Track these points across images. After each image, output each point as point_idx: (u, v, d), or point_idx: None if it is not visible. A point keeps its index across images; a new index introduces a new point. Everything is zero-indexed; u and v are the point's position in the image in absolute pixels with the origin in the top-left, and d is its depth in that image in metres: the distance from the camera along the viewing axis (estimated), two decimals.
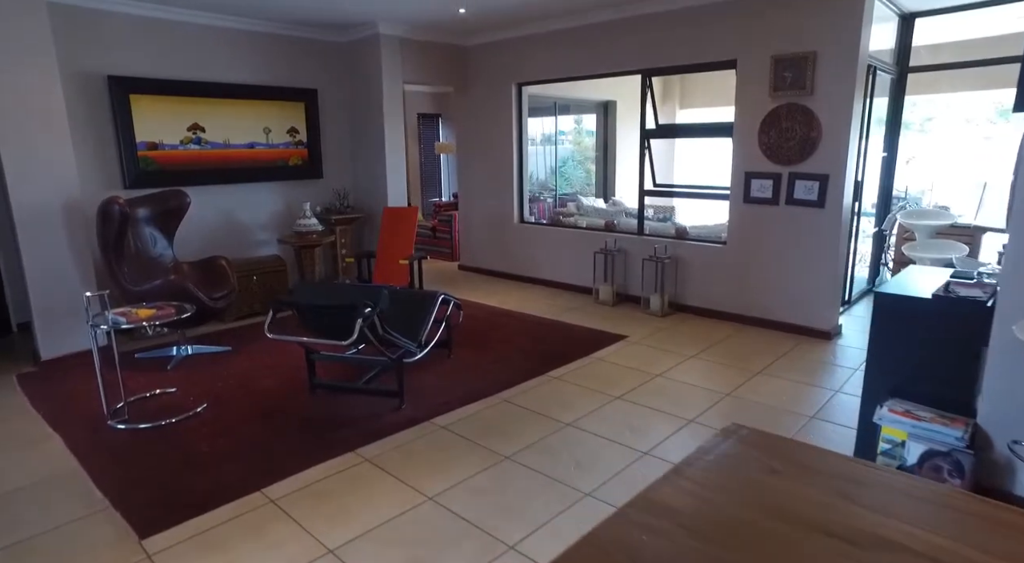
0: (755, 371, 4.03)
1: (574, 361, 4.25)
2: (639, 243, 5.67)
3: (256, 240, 5.87)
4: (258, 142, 5.70)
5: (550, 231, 6.46)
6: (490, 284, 6.69)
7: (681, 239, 5.46)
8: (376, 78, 5.96)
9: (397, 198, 6.25)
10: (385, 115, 6.01)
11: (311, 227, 5.71)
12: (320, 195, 6.27)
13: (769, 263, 4.85)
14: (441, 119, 11.83)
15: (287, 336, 3.37)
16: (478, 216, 7.11)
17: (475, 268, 7.27)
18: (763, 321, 4.94)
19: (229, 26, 5.37)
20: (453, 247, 8.00)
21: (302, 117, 5.99)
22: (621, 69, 5.56)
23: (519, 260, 6.74)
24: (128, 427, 3.24)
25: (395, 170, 6.20)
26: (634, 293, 5.72)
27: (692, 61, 5.06)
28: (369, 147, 6.27)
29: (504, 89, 6.47)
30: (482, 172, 6.93)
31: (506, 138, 6.58)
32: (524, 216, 6.76)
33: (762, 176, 4.76)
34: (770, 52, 4.55)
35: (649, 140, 5.57)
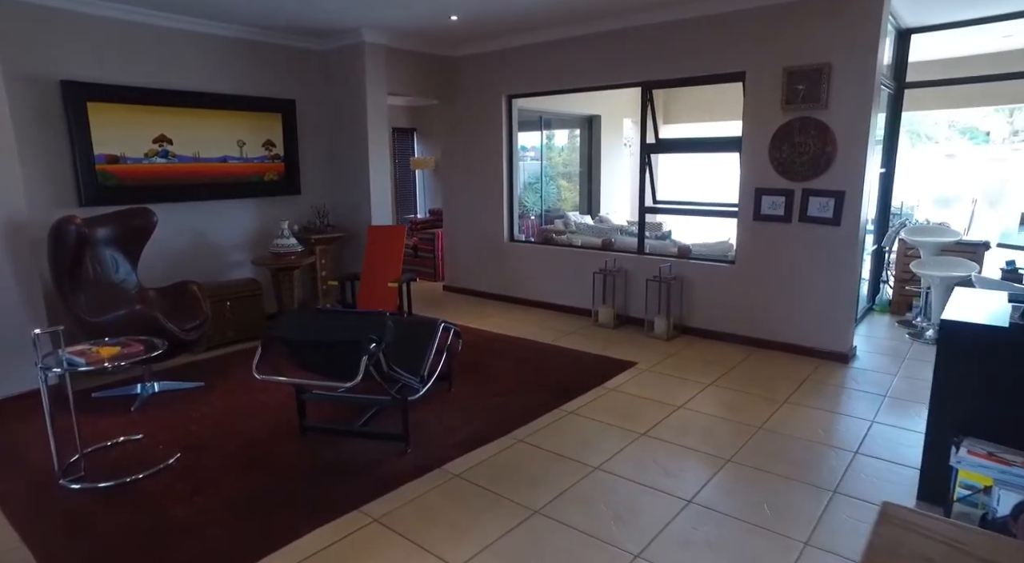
0: (780, 400, 3.77)
1: (586, 392, 3.93)
2: (640, 262, 5.41)
3: (229, 262, 5.40)
4: (231, 156, 5.26)
5: (543, 250, 6.16)
6: (479, 306, 6.33)
7: (684, 258, 5.22)
8: (359, 88, 5.60)
9: (382, 216, 5.87)
10: (369, 127, 5.64)
11: (289, 247, 5.27)
12: (298, 213, 5.84)
13: (782, 283, 4.64)
14: (416, 133, 11.49)
15: (279, 377, 2.94)
16: (464, 234, 6.76)
17: (461, 289, 6.91)
18: (775, 344, 4.71)
19: (200, 30, 4.94)
20: (437, 267, 7.63)
21: (279, 129, 5.57)
22: (620, 81, 5.34)
23: (510, 281, 6.41)
24: (85, 487, 2.76)
25: (380, 186, 5.82)
26: (635, 315, 5.45)
27: (697, 73, 4.86)
28: (351, 161, 5.88)
29: (493, 102, 6.18)
30: (469, 188, 6.60)
31: (495, 153, 6.27)
32: (514, 234, 6.44)
33: (774, 192, 4.56)
34: (782, 64, 4.37)
35: (650, 155, 5.34)
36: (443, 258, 7.30)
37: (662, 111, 9.50)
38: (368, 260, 5.38)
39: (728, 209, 5.05)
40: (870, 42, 4.03)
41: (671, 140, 5.75)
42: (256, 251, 5.50)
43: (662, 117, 9.57)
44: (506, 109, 6.17)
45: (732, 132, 4.84)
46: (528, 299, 6.25)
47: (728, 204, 5.12)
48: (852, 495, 2.69)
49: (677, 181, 8.77)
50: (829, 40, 4.17)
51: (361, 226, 5.81)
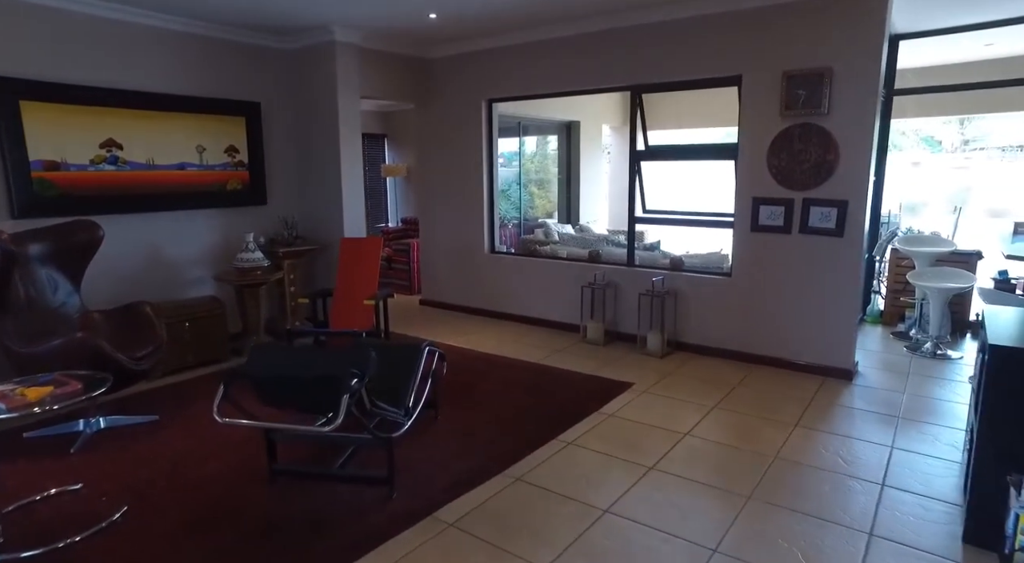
0: (790, 423, 3.54)
1: (583, 419, 3.63)
2: (630, 275, 5.15)
3: (188, 279, 4.95)
4: (190, 163, 4.82)
5: (526, 262, 5.85)
6: (459, 322, 5.99)
7: (677, 271, 4.98)
8: (330, 90, 5.22)
9: (355, 227, 5.49)
10: (341, 132, 5.26)
11: (255, 262, 4.86)
12: (264, 224, 5.42)
13: (781, 297, 4.43)
14: (387, 140, 11.10)
15: (244, 420, 2.55)
16: (442, 245, 6.42)
17: (439, 303, 6.56)
18: (775, 360, 4.49)
19: (155, 24, 4.51)
20: (412, 279, 7.26)
21: (242, 134, 5.15)
22: (608, 85, 5.09)
23: (491, 294, 6.08)
24: (5, 559, 2.33)
25: (353, 195, 5.45)
26: (627, 331, 5.18)
27: (690, 77, 4.63)
28: (322, 169, 5.49)
29: (472, 106, 5.87)
30: (446, 197, 6.27)
31: (474, 159, 5.96)
32: (495, 245, 6.13)
33: (772, 202, 4.35)
34: (781, 68, 4.17)
35: (640, 163, 5.09)
36: (419, 270, 6.93)
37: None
38: (341, 275, 5.00)
39: (722, 219, 4.83)
40: (873, 46, 3.86)
41: (662, 147, 5.52)
42: (218, 266, 5.06)
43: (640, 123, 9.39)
44: (486, 114, 5.87)
45: (717, 139, 4.64)
46: (512, 314, 5.94)
47: (722, 214, 4.91)
48: (891, 538, 2.45)
49: (662, 190, 8.60)
50: (831, 44, 3.99)
51: (333, 238, 5.42)
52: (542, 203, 10.12)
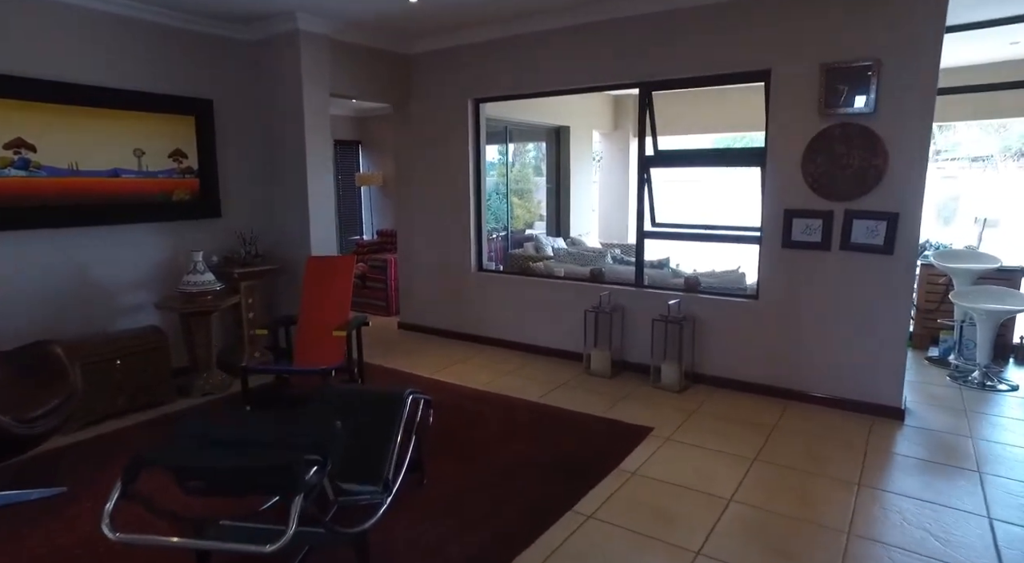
0: (851, 481, 2.93)
1: (601, 480, 2.97)
2: (639, 298, 4.54)
3: (124, 306, 4.19)
4: (125, 169, 4.09)
5: (519, 282, 5.20)
6: (444, 349, 5.31)
7: (693, 292, 4.38)
8: (294, 87, 4.54)
9: (324, 243, 4.79)
10: (307, 135, 4.58)
11: (204, 285, 4.13)
12: (218, 240, 4.69)
13: (818, 323, 3.85)
14: (362, 146, 10.42)
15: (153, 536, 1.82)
16: (423, 262, 5.74)
17: (420, 327, 5.86)
18: (811, 397, 3.91)
19: (82, 3, 3.79)
20: (390, 300, 6.56)
21: (191, 136, 4.43)
22: (613, 81, 4.49)
23: (479, 318, 5.42)
24: None
25: (321, 206, 4.75)
26: (637, 360, 4.56)
27: (708, 71, 4.06)
28: (286, 177, 4.79)
29: (457, 106, 5.23)
30: (427, 208, 5.60)
31: (459, 167, 5.31)
32: (483, 263, 5.47)
33: (808, 214, 3.78)
34: (819, 59, 3.61)
35: (649, 170, 4.50)
36: (397, 290, 6.24)
37: (634, 123, 8.79)
38: (307, 300, 4.29)
39: (746, 234, 4.26)
40: (931, 34, 3.31)
41: (675, 152, 4.93)
42: (162, 290, 4.32)
43: (632, 130, 8.87)
44: (472, 115, 5.23)
45: (719, 146, 4.05)
46: (503, 340, 5.28)
47: (744, 228, 4.33)
48: None
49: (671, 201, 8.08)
50: (880, 32, 3.44)
51: (299, 256, 4.71)
52: (522, 213, 9.55)
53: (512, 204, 8.47)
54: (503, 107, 6.42)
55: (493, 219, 8.27)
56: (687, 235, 4.50)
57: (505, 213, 7.82)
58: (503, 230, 7.86)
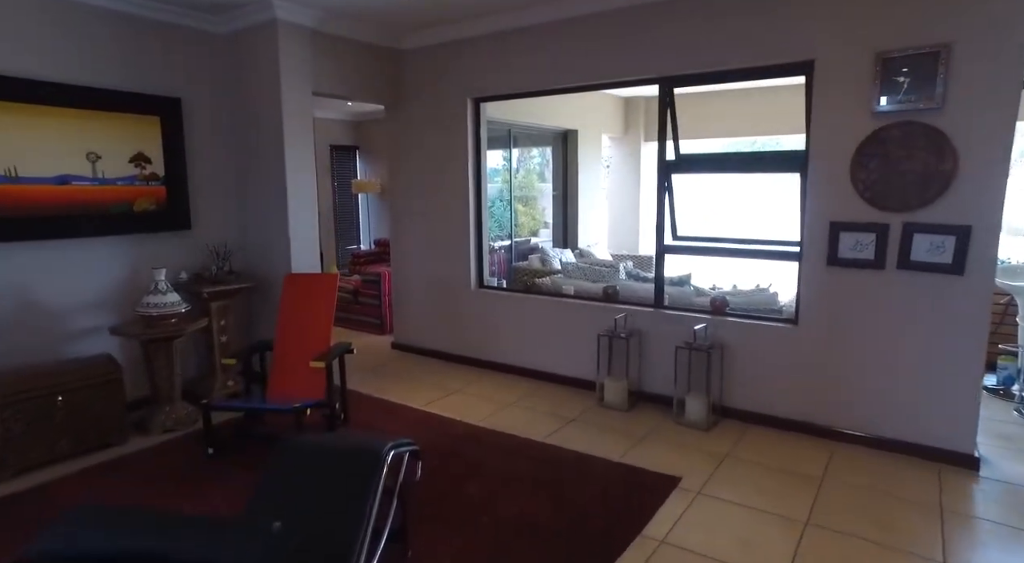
0: (934, 560, 2.39)
1: (622, 554, 2.45)
2: (659, 320, 4.02)
3: (73, 332, 3.70)
4: (76, 175, 3.61)
5: (524, 301, 4.69)
6: (441, 374, 4.79)
7: (720, 315, 3.86)
8: (272, 84, 4.06)
9: (306, 258, 4.29)
10: (287, 137, 4.09)
11: (167, 307, 3.63)
12: (188, 255, 4.20)
13: (869, 352, 3.32)
14: (359, 152, 9.96)
15: None
16: (418, 277, 5.24)
17: (415, 348, 5.35)
18: (864, 438, 3.37)
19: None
20: (384, 316, 6.05)
21: (156, 138, 3.96)
22: (630, 76, 3.98)
23: (480, 340, 4.90)
24: None
25: (302, 217, 4.26)
26: (656, 390, 4.04)
27: (740, 64, 3.55)
28: (264, 185, 4.31)
29: (455, 106, 4.74)
30: (423, 218, 5.10)
31: (458, 173, 4.81)
32: (484, 279, 4.96)
33: (858, 228, 3.26)
34: (873, 47, 3.10)
35: (671, 177, 3.98)
36: (392, 306, 5.74)
37: (643, 126, 8.30)
38: (284, 323, 3.80)
39: (781, 249, 3.74)
40: (1015, 12, 2.80)
41: (701, 156, 4.44)
42: (120, 313, 3.83)
43: (643, 133, 8.37)
44: (472, 116, 4.74)
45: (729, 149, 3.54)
46: (507, 364, 4.76)
47: (779, 242, 3.82)
48: None
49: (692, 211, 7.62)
50: (949, 11, 2.92)
51: (278, 273, 4.22)
52: (527, 221, 9.08)
53: (516, 211, 7.98)
54: (506, 108, 5.94)
55: (496, 226, 7.80)
56: (714, 250, 3.98)
57: (509, 221, 7.33)
58: (506, 238, 7.36)
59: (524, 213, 8.55)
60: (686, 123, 3.97)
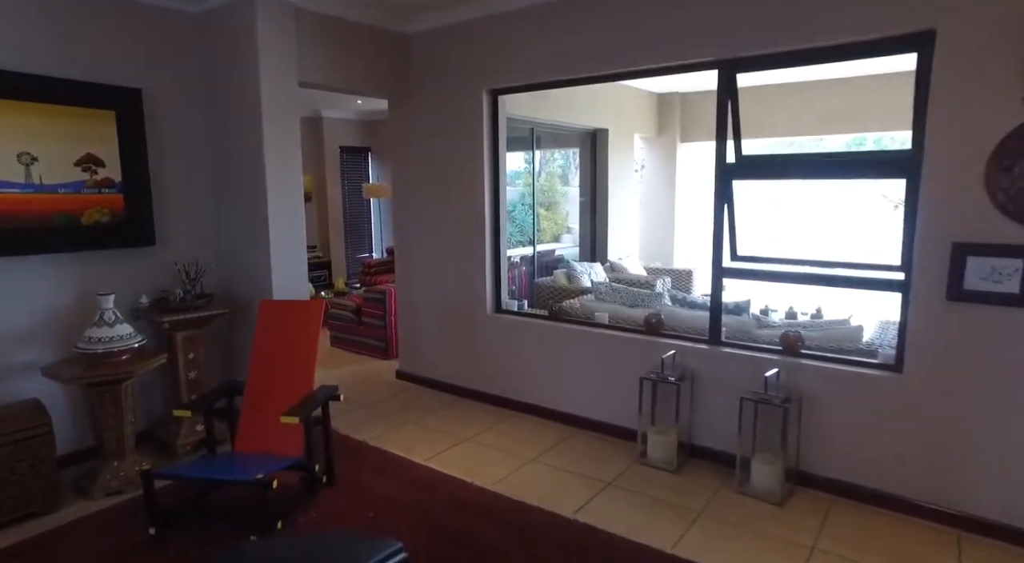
0: None
1: None
2: (716, 361, 3.26)
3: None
4: (7, 181, 2.97)
5: (549, 330, 3.95)
6: (449, 413, 4.09)
7: (794, 355, 3.08)
8: (248, 73, 3.40)
9: (289, 280, 3.61)
10: (266, 137, 3.42)
11: (116, 341, 2.97)
12: (150, 276, 3.55)
13: (1008, 415, 2.52)
14: (371, 154, 9.34)
15: None
16: (426, 297, 4.54)
17: (422, 379, 4.65)
18: (998, 529, 2.57)
19: None
20: (389, 340, 5.36)
21: (111, 137, 3.31)
22: (681, 59, 3.23)
23: (497, 374, 4.19)
24: None
25: (286, 232, 3.58)
26: (711, 445, 3.29)
27: (827, 40, 2.78)
28: (241, 192, 3.65)
29: (469, 100, 4.03)
30: (432, 230, 4.40)
31: (472, 177, 4.11)
32: (502, 301, 4.24)
33: (995, 251, 2.47)
34: (1020, 13, 2.32)
35: (731, 183, 3.22)
36: (396, 327, 5.04)
37: (680, 126, 7.52)
38: (257, 361, 3.13)
39: (875, 276, 2.96)
40: None
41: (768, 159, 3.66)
42: (63, 348, 3.17)
43: (679, 134, 7.59)
44: (489, 110, 4.03)
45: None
46: (528, 404, 4.04)
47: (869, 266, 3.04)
48: None
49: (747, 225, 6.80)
50: None
51: (258, 296, 3.55)
52: (549, 225, 8.37)
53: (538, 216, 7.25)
54: (528, 105, 5.23)
55: (517, 231, 7.07)
56: (787, 276, 3.20)
57: (530, 226, 6.60)
58: (527, 244, 6.62)
59: (546, 217, 7.86)
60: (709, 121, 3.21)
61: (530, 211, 6.83)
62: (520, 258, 6.55)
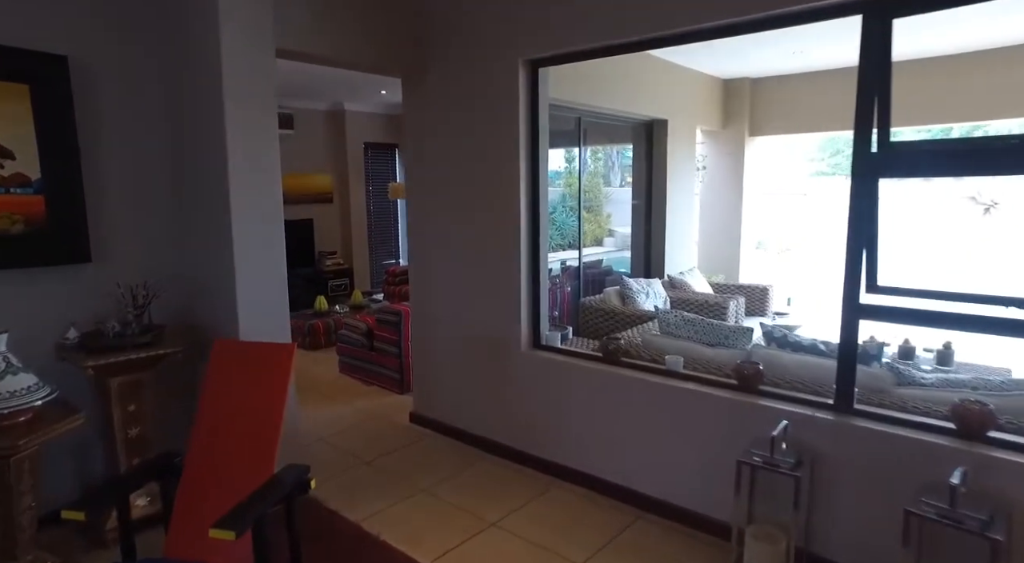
0: None
1: None
2: (847, 437, 2.25)
3: None
4: None
5: (603, 376, 2.98)
6: (470, 476, 3.17)
7: (979, 441, 2.04)
8: (207, 38, 2.55)
9: (263, 313, 2.74)
10: (229, 125, 2.56)
11: (10, 398, 2.14)
12: (84, 302, 2.73)
13: None
14: (398, 151, 8.54)
15: None
16: (446, 326, 3.63)
17: (441, 426, 3.75)
18: None
19: None
20: (404, 371, 4.47)
21: (25, 119, 2.51)
22: (808, 3, 2.23)
23: (534, 426, 3.25)
24: None
25: (258, 250, 2.71)
26: (838, 559, 2.28)
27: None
28: (199, 195, 2.81)
29: (502, 74, 3.11)
30: (454, 242, 3.50)
31: (504, 176, 3.18)
32: (541, 334, 3.29)
33: None
34: None
35: (876, 182, 2.20)
36: (412, 359, 4.15)
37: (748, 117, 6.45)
38: (202, 428, 2.26)
39: None
40: None
41: (938, 146, 2.62)
42: None
43: (748, 127, 6.52)
44: (527, 87, 3.09)
45: None
46: (575, 470, 3.08)
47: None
48: None
49: None
50: None
51: (222, 329, 2.70)
52: (591, 228, 7.45)
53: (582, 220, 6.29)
54: (572, 87, 4.29)
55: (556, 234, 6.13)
56: (968, 321, 2.15)
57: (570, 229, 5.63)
58: (566, 248, 5.66)
59: (587, 219, 6.92)
60: (783, 111, 2.17)
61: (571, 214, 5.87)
62: (560, 265, 5.60)
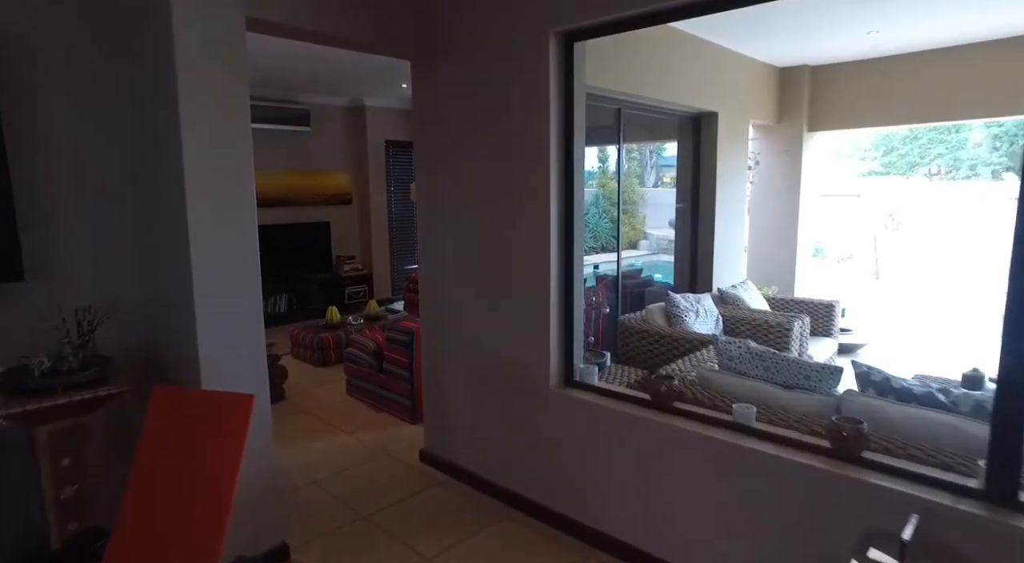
0: None
1: None
2: (1001, 539, 1.59)
3: None
4: None
5: (650, 426, 2.37)
6: (488, 539, 2.60)
7: None
8: (161, 12, 2.03)
9: (229, 349, 2.21)
10: (184, 112, 2.03)
11: None
12: (16, 330, 2.24)
13: None
14: None
15: None
16: (461, 352, 3.06)
17: (455, 468, 3.18)
18: None
19: None
20: (416, 397, 3.92)
21: None
22: None
23: (565, 479, 2.65)
24: None
25: (224, 269, 2.18)
26: None
27: None
28: (153, 199, 2.29)
29: (528, 50, 2.52)
30: (471, 254, 2.92)
31: (530, 175, 2.59)
32: (575, 369, 2.69)
33: None
34: None
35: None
36: (424, 386, 3.58)
37: (807, 112, 5.74)
38: (134, 501, 1.74)
39: None
40: None
41: None
42: None
43: (806, 123, 5.80)
44: (559, 66, 2.50)
45: None
46: (616, 540, 2.48)
47: None
48: None
49: None
50: None
51: (178, 366, 2.18)
52: (627, 230, 6.82)
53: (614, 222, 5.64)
54: (614, 72, 3.68)
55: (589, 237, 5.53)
56: None
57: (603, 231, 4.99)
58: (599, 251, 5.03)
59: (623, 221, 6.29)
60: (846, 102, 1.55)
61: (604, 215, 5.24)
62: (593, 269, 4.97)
